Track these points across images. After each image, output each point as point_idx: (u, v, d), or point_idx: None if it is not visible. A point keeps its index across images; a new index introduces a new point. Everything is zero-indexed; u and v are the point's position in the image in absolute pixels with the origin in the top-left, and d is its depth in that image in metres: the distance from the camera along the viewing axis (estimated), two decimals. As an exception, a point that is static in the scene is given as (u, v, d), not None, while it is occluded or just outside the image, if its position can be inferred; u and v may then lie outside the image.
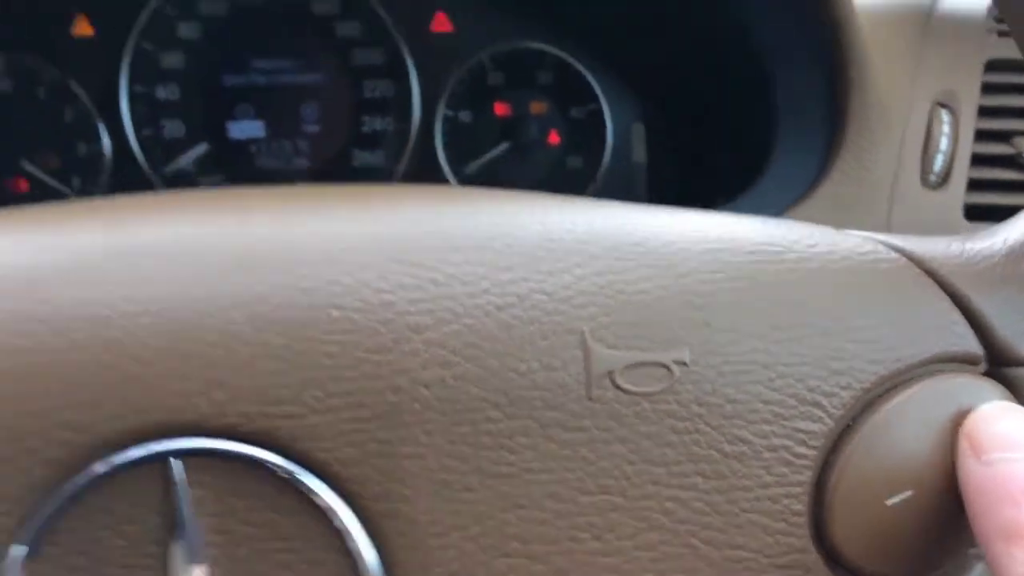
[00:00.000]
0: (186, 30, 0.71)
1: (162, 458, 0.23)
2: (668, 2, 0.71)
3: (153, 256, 0.25)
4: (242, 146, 0.73)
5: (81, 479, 0.23)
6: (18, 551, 0.23)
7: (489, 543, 0.24)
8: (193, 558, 0.23)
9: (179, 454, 0.23)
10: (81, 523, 0.23)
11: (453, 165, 0.75)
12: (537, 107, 0.77)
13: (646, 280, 0.25)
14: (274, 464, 0.24)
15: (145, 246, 0.25)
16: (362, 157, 0.75)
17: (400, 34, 0.73)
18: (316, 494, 0.24)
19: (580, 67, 0.76)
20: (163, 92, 0.71)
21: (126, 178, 0.70)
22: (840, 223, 0.58)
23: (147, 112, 0.71)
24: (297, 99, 0.73)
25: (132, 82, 0.70)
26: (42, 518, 0.23)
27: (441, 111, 0.75)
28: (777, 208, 0.60)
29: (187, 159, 0.72)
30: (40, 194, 0.69)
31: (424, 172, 0.75)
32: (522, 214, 0.27)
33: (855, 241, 0.28)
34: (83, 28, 0.69)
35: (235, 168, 0.73)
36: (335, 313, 0.24)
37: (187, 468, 0.24)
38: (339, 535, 0.24)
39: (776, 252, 0.27)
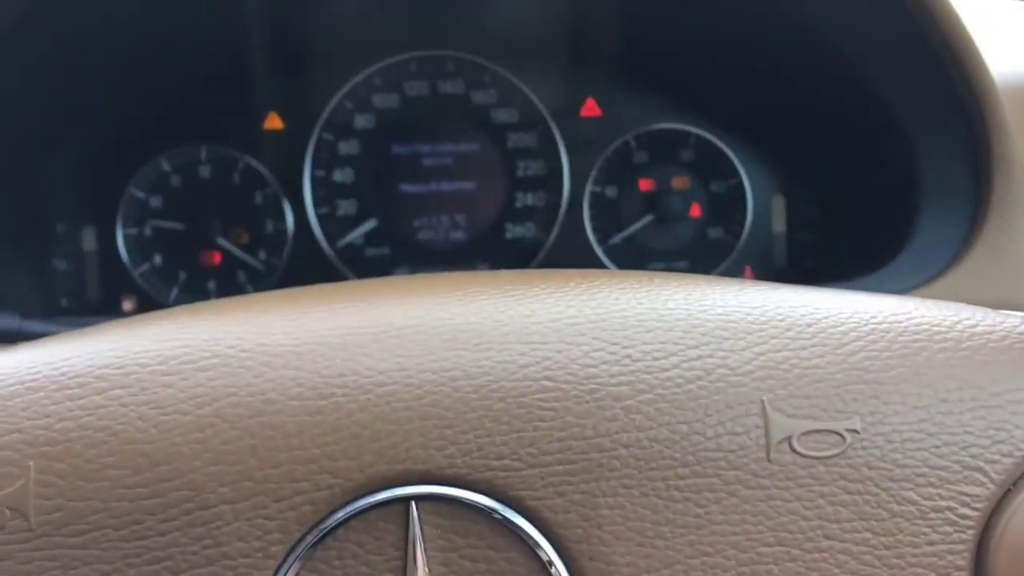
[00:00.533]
0: (361, 121, 0.79)
1: (403, 501, 0.28)
2: (808, 80, 0.74)
3: (396, 336, 0.30)
4: (406, 222, 0.80)
5: (339, 516, 0.28)
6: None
7: None
8: (427, 586, 0.28)
9: (417, 498, 0.28)
10: (335, 553, 0.28)
11: (599, 236, 0.80)
12: (679, 182, 0.81)
13: (819, 356, 0.29)
14: (493, 509, 0.28)
15: (390, 327, 0.30)
16: (514, 230, 0.81)
17: (553, 119, 0.79)
18: (527, 535, 0.28)
19: (721, 144, 0.80)
20: (339, 175, 0.79)
21: (304, 251, 0.78)
22: (983, 296, 0.59)
23: (324, 193, 0.79)
24: (456, 179, 0.80)
25: (314, 167, 0.78)
26: (305, 547, 0.28)
27: (589, 187, 0.80)
28: (920, 279, 0.61)
29: (357, 234, 0.79)
30: (231, 266, 0.78)
31: (572, 243, 0.80)
32: (706, 298, 0.31)
33: (1014, 322, 0.30)
34: (274, 122, 0.78)
35: (399, 241, 0.80)
36: (548, 384, 0.29)
37: (421, 510, 0.28)
38: (545, 570, 0.28)
39: (940, 332, 0.29)
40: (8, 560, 0.27)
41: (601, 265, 0.80)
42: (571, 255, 0.80)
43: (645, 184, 0.81)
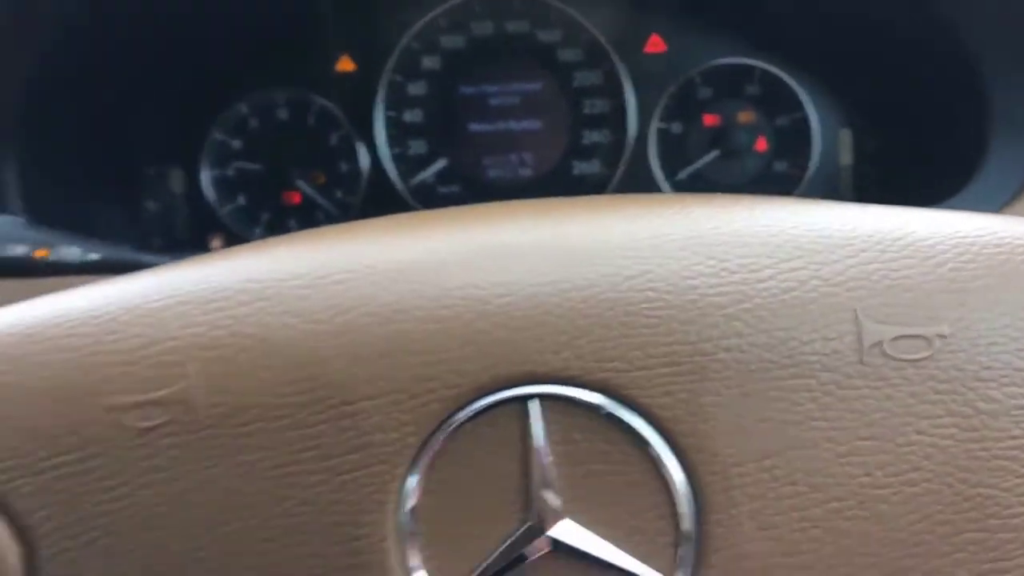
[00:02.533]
0: (429, 62, 0.81)
1: (523, 399, 0.31)
2: (874, 10, 0.74)
3: (509, 253, 0.32)
4: (475, 160, 0.82)
5: (466, 412, 0.31)
6: (412, 480, 0.31)
7: (779, 473, 0.30)
8: (544, 475, 0.31)
9: (536, 397, 0.31)
10: (463, 444, 0.31)
11: (666, 172, 0.82)
12: (745, 117, 0.82)
13: (908, 268, 0.31)
14: (606, 406, 0.31)
15: (502, 245, 0.33)
16: (581, 167, 0.83)
17: (617, 56, 0.80)
18: (638, 430, 0.31)
19: (786, 77, 0.81)
20: (409, 116, 0.81)
21: (379, 190, 0.81)
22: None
23: (396, 134, 0.81)
24: (523, 118, 0.82)
25: (386, 109, 0.80)
26: (437, 439, 0.31)
27: (654, 124, 0.81)
28: (990, 208, 0.62)
29: (429, 173, 0.82)
30: (310, 205, 0.81)
31: (638, 179, 0.82)
32: (797, 215, 0.33)
33: None
34: (346, 64, 0.80)
35: (468, 180, 0.82)
36: (651, 295, 0.31)
37: (543, 408, 0.31)
38: (655, 463, 0.31)
39: (1022, 244, 0.31)
40: (177, 449, 0.30)
41: (667, 200, 0.81)
42: (637, 191, 0.82)
43: (710, 119, 0.82)
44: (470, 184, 0.82)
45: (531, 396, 0.31)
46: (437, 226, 0.35)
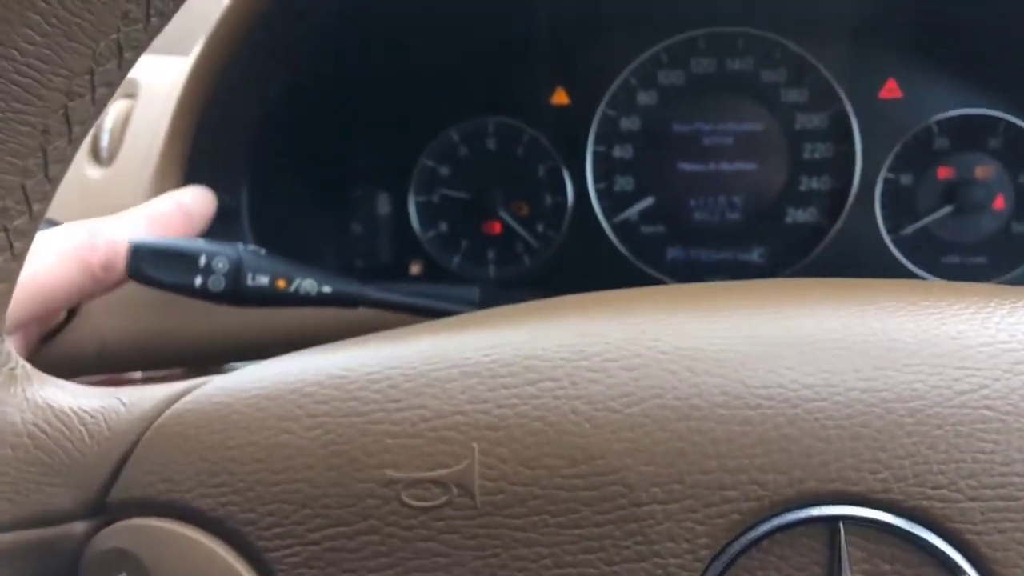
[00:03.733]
0: (645, 98, 0.78)
1: (831, 521, 0.28)
2: None
3: (817, 348, 0.29)
4: (682, 200, 0.79)
5: (765, 528, 0.28)
6: None
7: None
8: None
9: (847, 519, 0.28)
10: (758, 563, 0.28)
11: (890, 226, 0.76)
12: (984, 171, 0.75)
13: None
14: (926, 539, 0.27)
15: (807, 338, 0.30)
16: (795, 214, 0.78)
17: (850, 100, 0.75)
18: (961, 569, 0.27)
19: (1037, 131, 0.73)
20: (619, 151, 0.79)
21: (582, 226, 0.79)
22: None
23: (604, 168, 0.79)
24: (738, 159, 0.78)
25: (596, 143, 0.79)
26: (731, 554, 0.28)
27: (883, 174, 0.76)
28: None
29: (634, 210, 0.79)
30: (510, 236, 0.80)
31: (858, 232, 0.76)
32: None
33: None
34: (560, 98, 0.79)
35: (674, 220, 0.79)
36: (988, 414, 0.27)
37: (848, 531, 0.28)
38: None
39: None
40: (453, 534, 0.29)
41: (890, 257, 0.76)
42: (857, 244, 0.76)
43: (944, 172, 0.75)
44: (675, 224, 0.79)
45: (841, 517, 0.28)
46: (715, 304, 0.32)
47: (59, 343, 0.61)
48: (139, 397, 0.32)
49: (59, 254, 0.50)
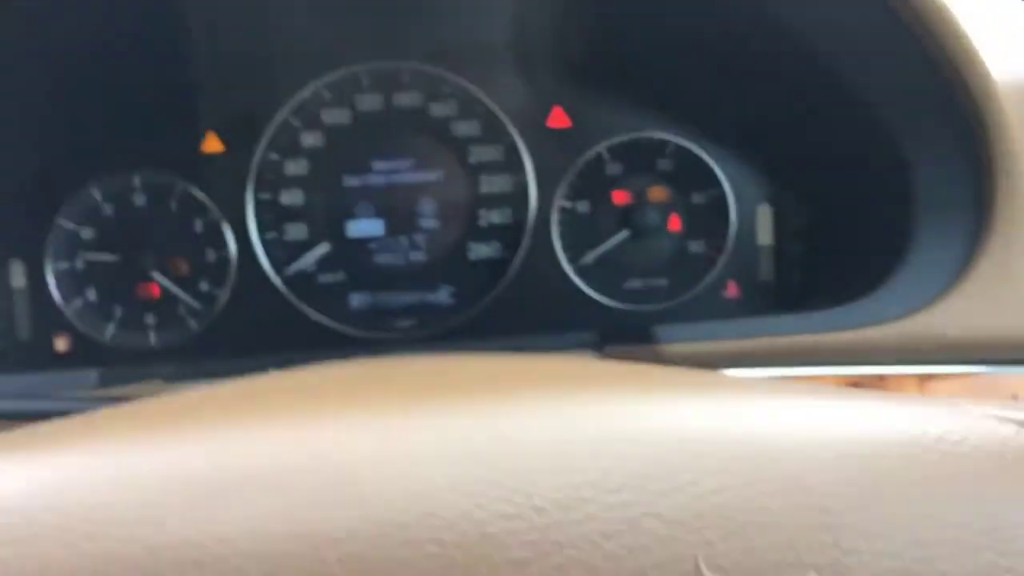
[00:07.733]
0: (310, 139, 0.73)
1: None
2: (791, 83, 0.68)
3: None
4: (361, 244, 0.74)
5: None
6: None
7: None
8: None
9: None
10: None
11: (570, 255, 0.74)
12: (657, 193, 0.75)
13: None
14: None
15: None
16: (478, 250, 0.75)
17: (517, 130, 0.73)
18: None
19: (700, 152, 0.74)
20: (287, 198, 0.73)
21: (250, 280, 0.72)
22: (986, 321, 0.53)
23: (271, 217, 0.73)
24: (415, 196, 0.74)
25: (258, 191, 0.72)
26: None
27: (558, 203, 0.74)
28: (919, 302, 0.56)
29: (308, 259, 0.73)
30: (170, 299, 0.72)
31: (540, 263, 0.74)
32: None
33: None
34: (213, 145, 0.72)
35: (354, 265, 0.74)
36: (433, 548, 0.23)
37: None
38: None
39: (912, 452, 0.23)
40: None
41: (572, 285, 0.74)
42: (538, 276, 0.74)
43: (620, 197, 0.75)
44: (356, 270, 0.74)
45: None
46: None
47: None
48: None
49: None
